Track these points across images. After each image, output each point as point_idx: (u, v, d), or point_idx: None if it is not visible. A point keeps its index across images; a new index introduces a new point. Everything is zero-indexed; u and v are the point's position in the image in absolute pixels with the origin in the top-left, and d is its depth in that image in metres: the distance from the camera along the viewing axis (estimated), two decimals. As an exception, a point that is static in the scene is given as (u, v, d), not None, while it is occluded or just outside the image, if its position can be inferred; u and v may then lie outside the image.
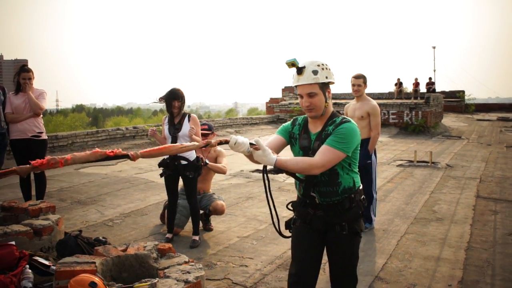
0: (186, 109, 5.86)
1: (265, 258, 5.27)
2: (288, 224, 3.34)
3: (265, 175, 3.14)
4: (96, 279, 3.32)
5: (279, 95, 28.25)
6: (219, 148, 6.53)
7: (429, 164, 11.87)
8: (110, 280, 3.68)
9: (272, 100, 26.63)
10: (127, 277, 3.87)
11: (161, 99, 5.69)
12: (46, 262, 4.38)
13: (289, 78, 3.09)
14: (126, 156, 2.73)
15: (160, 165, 5.79)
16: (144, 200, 7.77)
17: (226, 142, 2.90)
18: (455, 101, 35.03)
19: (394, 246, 5.70)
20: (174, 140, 5.61)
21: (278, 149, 3.21)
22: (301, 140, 3.16)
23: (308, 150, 3.10)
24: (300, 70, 3.00)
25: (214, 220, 6.53)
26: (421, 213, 7.17)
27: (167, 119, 5.78)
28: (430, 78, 35.08)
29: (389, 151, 14.59)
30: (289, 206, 3.32)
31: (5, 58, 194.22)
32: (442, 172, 10.80)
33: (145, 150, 2.91)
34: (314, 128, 3.14)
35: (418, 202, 7.87)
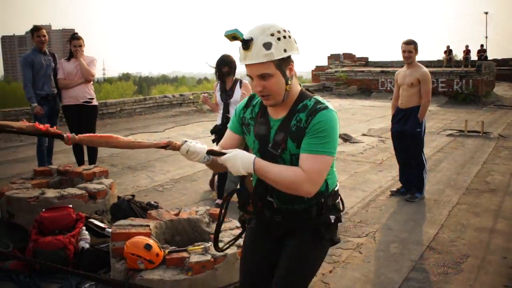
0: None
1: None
2: (243, 222, 2.68)
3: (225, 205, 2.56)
4: (151, 241, 3.39)
5: (325, 63, 27.91)
6: None
7: (480, 134, 11.51)
8: (164, 243, 3.75)
9: (318, 68, 26.32)
10: (180, 240, 3.94)
11: (214, 67, 5.73)
12: (102, 225, 4.51)
13: (335, 45, 2.33)
14: (59, 136, 2.16)
15: (212, 131, 5.83)
16: (193, 167, 7.85)
17: (172, 147, 2.19)
18: (508, 70, 33.81)
19: (446, 216, 5.59)
20: (226, 106, 5.62)
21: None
22: (256, 126, 2.38)
23: (266, 142, 2.33)
24: (246, 44, 2.15)
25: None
26: (473, 184, 7.00)
27: (218, 85, 5.78)
28: (481, 46, 33.91)
29: (438, 121, 14.25)
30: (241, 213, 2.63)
31: (53, 28, 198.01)
32: (495, 143, 10.47)
33: (85, 135, 2.21)
34: (275, 112, 2.34)
35: (469, 172, 7.68)
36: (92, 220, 4.53)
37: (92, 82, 6.98)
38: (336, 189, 2.45)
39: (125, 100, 14.53)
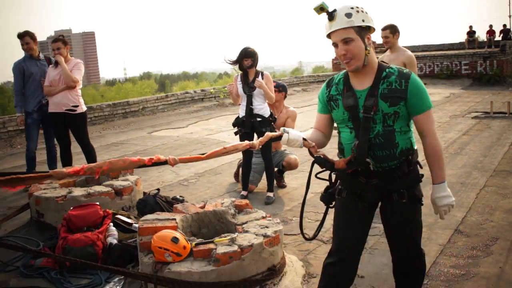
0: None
1: (340, 213, 5.24)
2: (325, 197, 2.99)
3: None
4: (178, 234, 3.42)
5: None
6: (291, 108, 6.49)
7: (507, 115, 11.32)
8: (190, 235, 3.78)
9: (338, 57, 26.07)
10: (207, 232, 3.97)
11: (233, 62, 5.73)
12: (128, 220, 4.57)
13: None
14: (164, 163, 2.55)
15: (234, 124, 5.84)
16: (216, 160, 7.84)
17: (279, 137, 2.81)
18: (534, 49, 33.10)
19: (473, 199, 5.53)
20: (249, 98, 5.63)
21: (329, 128, 2.96)
22: (344, 99, 2.73)
23: (355, 110, 2.69)
24: (331, 15, 2.60)
25: (287, 177, 6.54)
26: (501, 165, 6.90)
27: (239, 77, 5.78)
28: (504, 25, 33.13)
29: (463, 103, 14.06)
30: (320, 176, 2.95)
31: (73, 31, 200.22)
32: (522, 123, 10.30)
33: (184, 157, 2.68)
34: (360, 84, 2.71)
35: (497, 154, 7.57)
36: (119, 216, 4.59)
37: (78, 88, 6.42)
38: (416, 147, 2.79)
39: (147, 98, 14.64)
